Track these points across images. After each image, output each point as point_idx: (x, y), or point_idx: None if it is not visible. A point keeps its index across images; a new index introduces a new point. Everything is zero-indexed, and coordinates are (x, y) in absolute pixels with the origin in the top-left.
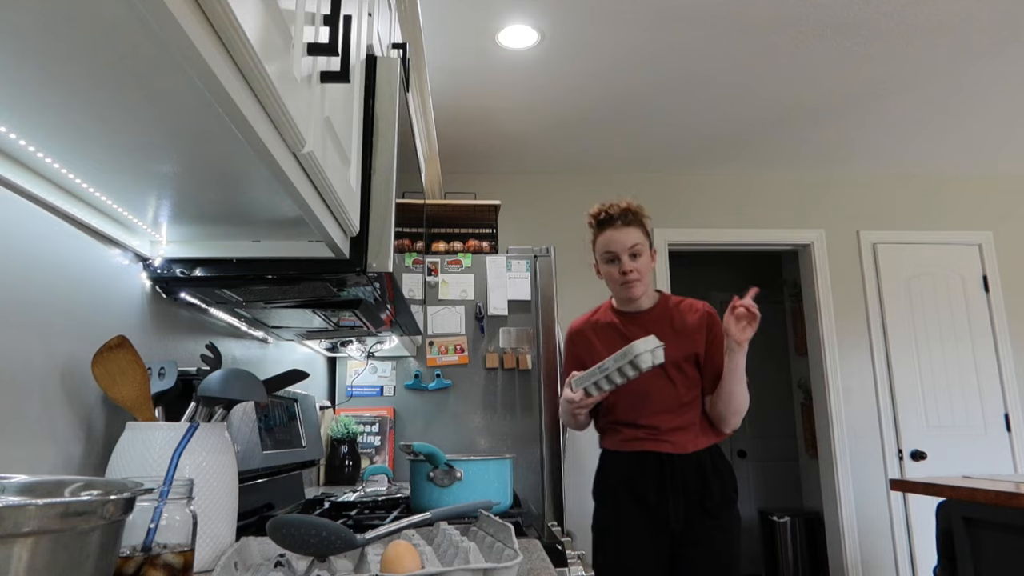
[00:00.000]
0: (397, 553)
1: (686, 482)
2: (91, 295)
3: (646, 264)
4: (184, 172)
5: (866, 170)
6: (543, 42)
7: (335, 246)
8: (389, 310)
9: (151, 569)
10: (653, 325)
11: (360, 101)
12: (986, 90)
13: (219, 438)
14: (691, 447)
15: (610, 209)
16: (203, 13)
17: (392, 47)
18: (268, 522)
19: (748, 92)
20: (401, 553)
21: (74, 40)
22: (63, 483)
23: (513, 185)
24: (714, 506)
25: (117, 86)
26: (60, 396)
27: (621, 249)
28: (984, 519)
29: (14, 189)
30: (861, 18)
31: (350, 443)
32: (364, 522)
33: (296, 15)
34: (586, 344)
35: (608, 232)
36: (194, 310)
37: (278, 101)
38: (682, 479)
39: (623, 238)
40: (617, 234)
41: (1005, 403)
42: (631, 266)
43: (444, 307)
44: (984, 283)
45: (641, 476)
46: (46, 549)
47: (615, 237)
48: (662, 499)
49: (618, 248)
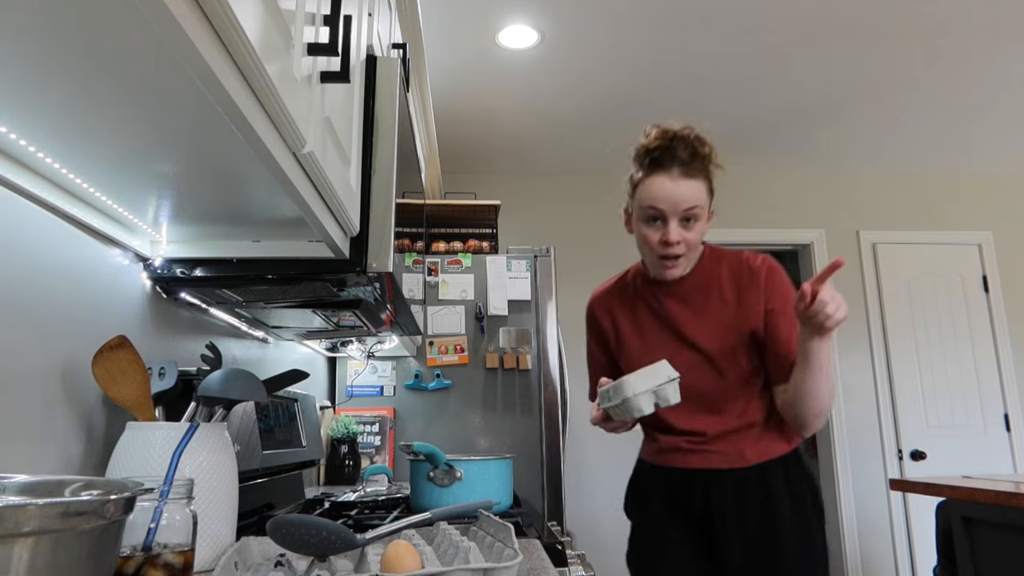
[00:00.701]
0: (397, 553)
1: (745, 509)
2: (91, 295)
3: (699, 233)
4: (184, 172)
5: (866, 170)
6: (543, 42)
7: (335, 246)
8: (389, 310)
9: (151, 569)
10: (695, 295)
11: (360, 101)
12: (986, 90)
13: (219, 438)
14: (752, 457)
15: (672, 142)
16: (203, 13)
17: (392, 47)
18: (268, 522)
19: (748, 92)
20: (401, 553)
21: (74, 40)
22: (63, 483)
23: (513, 185)
24: (787, 538)
25: (117, 86)
26: (60, 396)
27: (672, 209)
28: (984, 519)
29: (14, 189)
30: (861, 18)
31: (350, 443)
32: (364, 522)
33: (296, 15)
34: (611, 319)
35: (659, 179)
36: (194, 310)
37: (278, 101)
38: (739, 504)
39: (680, 193)
40: (672, 186)
41: (1005, 403)
42: (680, 235)
43: (444, 307)
44: (984, 283)
45: (684, 502)
46: (46, 549)
47: (668, 190)
48: (711, 532)
49: (667, 207)
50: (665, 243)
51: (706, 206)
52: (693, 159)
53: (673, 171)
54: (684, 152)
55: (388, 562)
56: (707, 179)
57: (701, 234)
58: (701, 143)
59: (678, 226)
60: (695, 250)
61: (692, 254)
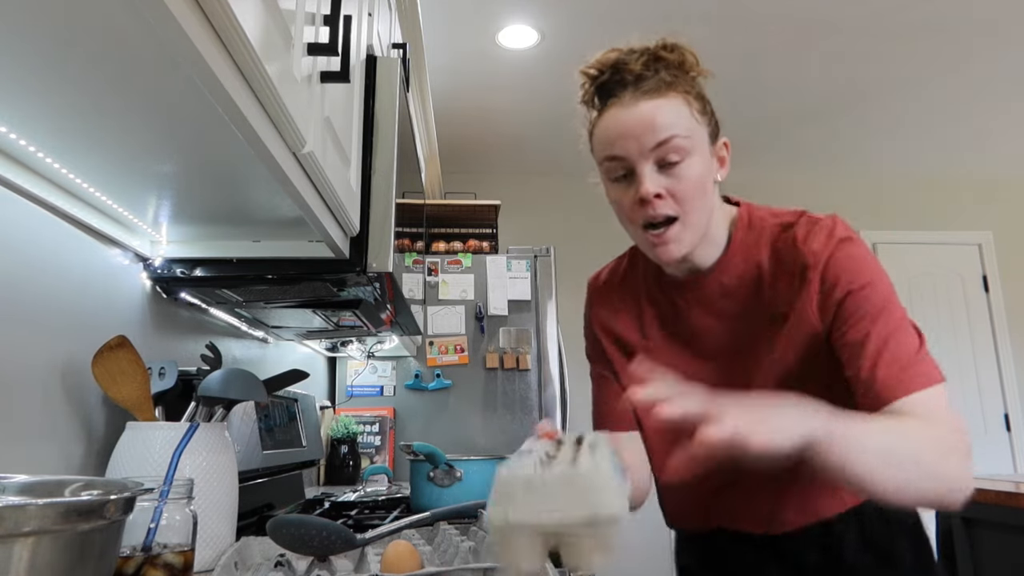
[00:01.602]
0: (397, 553)
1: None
2: (91, 295)
3: (696, 179)
4: (184, 172)
5: (866, 170)
6: (543, 42)
7: (335, 246)
8: (389, 310)
9: (151, 569)
10: (725, 300)
11: (360, 101)
12: (986, 90)
13: (219, 438)
14: (818, 510)
15: (618, 60)
16: (203, 13)
17: (392, 47)
18: (268, 522)
19: (748, 92)
20: (401, 553)
21: (74, 40)
22: (63, 483)
23: (513, 185)
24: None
25: (117, 86)
26: (60, 396)
27: (636, 147)
28: (984, 519)
29: (14, 189)
30: (861, 18)
31: (350, 443)
32: (364, 522)
33: (296, 15)
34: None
35: (610, 112)
36: (194, 310)
37: (278, 101)
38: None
39: (639, 118)
40: (627, 114)
41: (1005, 403)
42: (659, 184)
43: (444, 307)
44: (984, 283)
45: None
46: (46, 549)
47: (622, 120)
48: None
49: (628, 144)
50: (641, 202)
51: (695, 133)
52: (654, 72)
53: (625, 95)
54: (638, 64)
55: (388, 562)
56: (686, 93)
57: (701, 180)
58: (667, 49)
59: (654, 172)
60: (699, 209)
61: (695, 217)
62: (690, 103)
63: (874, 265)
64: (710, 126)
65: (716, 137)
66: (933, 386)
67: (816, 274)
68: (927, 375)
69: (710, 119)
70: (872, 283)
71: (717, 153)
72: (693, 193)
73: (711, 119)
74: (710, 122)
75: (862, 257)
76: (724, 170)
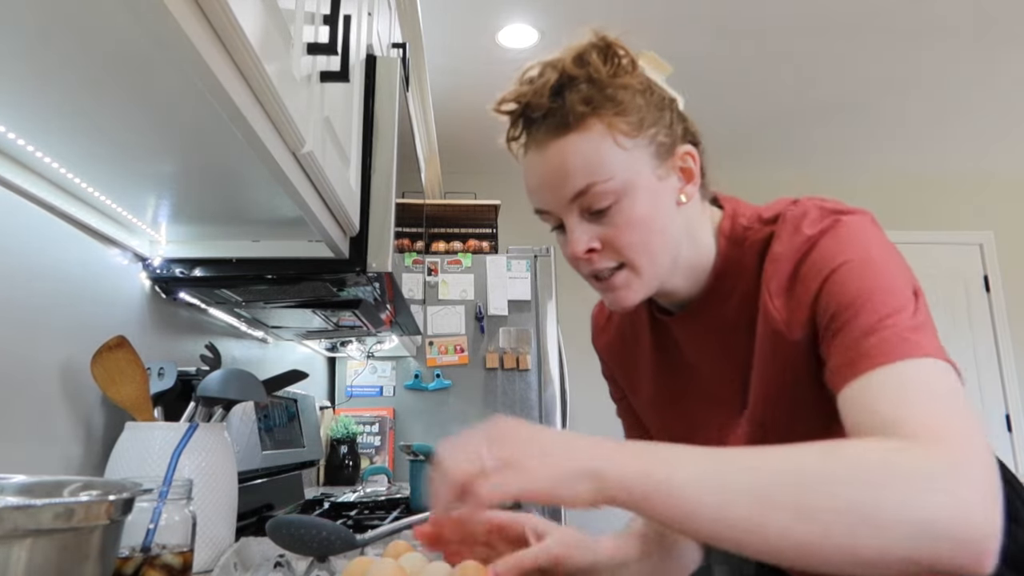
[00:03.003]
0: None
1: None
2: (90, 295)
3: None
4: (183, 172)
5: (866, 170)
6: (543, 42)
7: (335, 246)
8: (389, 310)
9: (150, 569)
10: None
11: (360, 101)
12: (986, 90)
13: (218, 438)
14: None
15: (521, 95)
16: (203, 13)
17: (392, 47)
18: (268, 522)
19: (747, 92)
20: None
21: (74, 40)
22: (63, 483)
23: (513, 185)
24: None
25: (117, 86)
26: (60, 396)
27: (553, 201)
28: None
29: (14, 189)
30: (861, 18)
31: (350, 443)
32: (364, 522)
33: (296, 15)
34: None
35: (528, 158)
36: (194, 310)
37: (278, 101)
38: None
39: (549, 168)
40: (538, 161)
41: (1006, 403)
42: (589, 237)
43: (444, 307)
44: (985, 283)
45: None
46: (46, 549)
47: (533, 170)
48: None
49: (544, 199)
50: (574, 258)
51: (623, 168)
52: (560, 102)
53: (538, 135)
54: (543, 95)
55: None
56: (611, 116)
57: (645, 219)
58: (579, 62)
59: (582, 223)
60: (649, 252)
61: (643, 260)
62: (613, 129)
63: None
64: (653, 143)
65: (672, 149)
66: (907, 360)
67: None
68: (897, 345)
69: (655, 134)
70: (849, 261)
71: (676, 166)
72: (635, 238)
73: (657, 132)
74: (654, 138)
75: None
76: (692, 185)
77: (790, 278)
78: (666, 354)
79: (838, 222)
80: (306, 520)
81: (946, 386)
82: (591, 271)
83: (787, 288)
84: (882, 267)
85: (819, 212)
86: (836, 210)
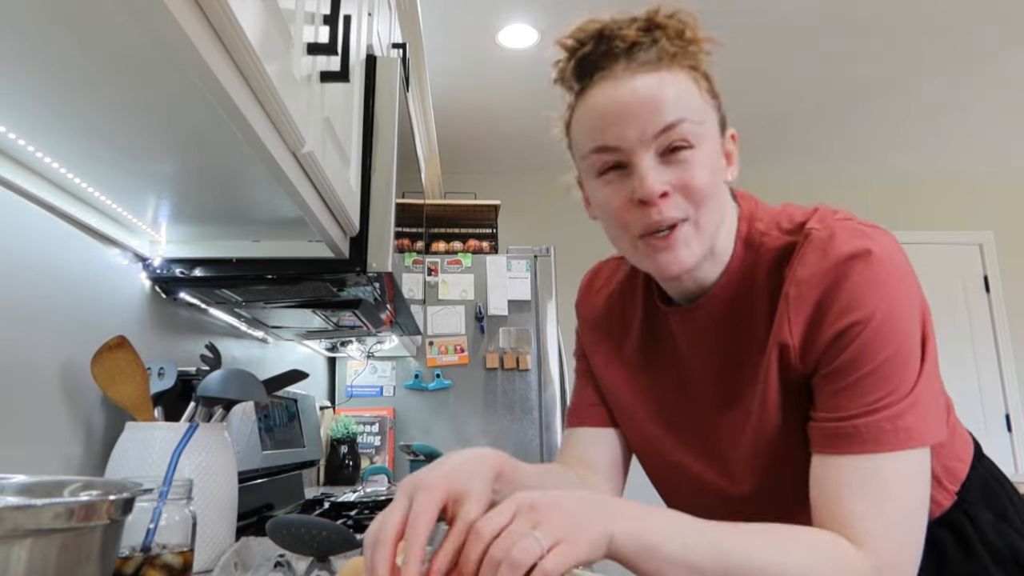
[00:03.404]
0: None
1: None
2: (91, 295)
3: (708, 173)
4: (183, 172)
5: (866, 170)
6: (543, 42)
7: (335, 246)
8: (389, 310)
9: (150, 569)
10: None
11: (360, 101)
12: (986, 90)
13: (219, 438)
14: None
15: (605, 28)
16: (203, 13)
17: (392, 47)
18: (268, 522)
19: (747, 92)
20: None
21: (74, 40)
22: (63, 483)
23: (513, 185)
24: None
25: (117, 86)
26: (60, 396)
27: (635, 131)
28: None
29: (14, 189)
30: (861, 18)
31: (350, 443)
32: (364, 522)
33: (296, 15)
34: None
35: (599, 87)
36: (194, 310)
37: (278, 101)
38: None
39: (640, 95)
40: (622, 89)
41: (1006, 403)
42: (665, 179)
43: (444, 307)
44: (985, 283)
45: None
46: (46, 549)
47: (616, 96)
48: None
49: (624, 127)
50: (642, 203)
51: (706, 118)
52: (651, 40)
53: (617, 68)
54: (632, 31)
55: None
56: (692, 68)
57: (713, 175)
58: (664, 16)
59: (656, 164)
60: (712, 210)
61: (707, 219)
62: (698, 81)
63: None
64: (719, 113)
65: (726, 126)
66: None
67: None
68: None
69: (719, 105)
70: (873, 317)
71: (725, 145)
72: (707, 188)
73: (720, 104)
74: (719, 108)
75: (869, 283)
76: (733, 168)
77: (814, 306)
78: (655, 342)
79: (870, 254)
80: (306, 520)
81: (907, 488)
82: (654, 222)
83: (808, 316)
84: (902, 326)
85: (847, 234)
86: (863, 232)
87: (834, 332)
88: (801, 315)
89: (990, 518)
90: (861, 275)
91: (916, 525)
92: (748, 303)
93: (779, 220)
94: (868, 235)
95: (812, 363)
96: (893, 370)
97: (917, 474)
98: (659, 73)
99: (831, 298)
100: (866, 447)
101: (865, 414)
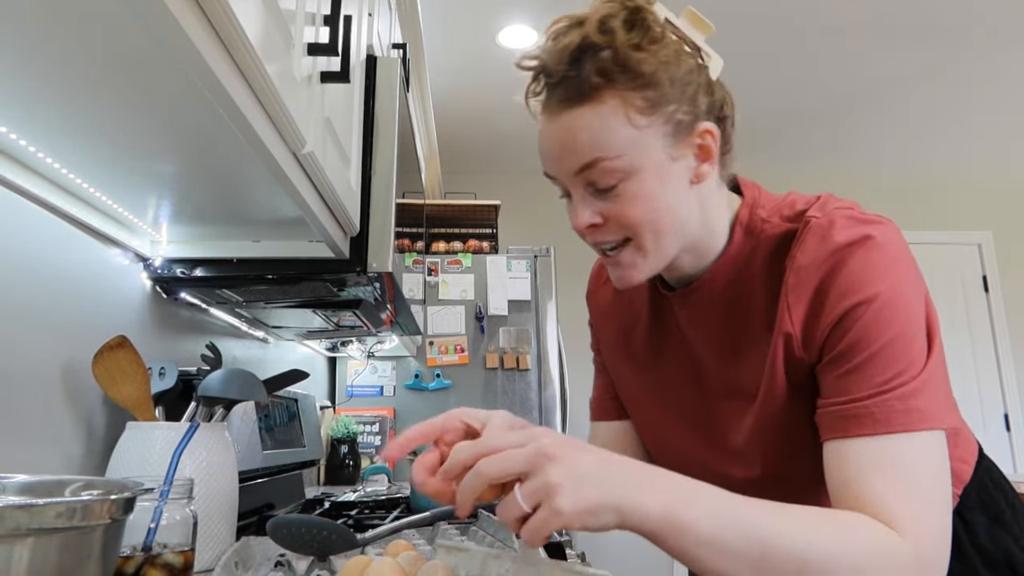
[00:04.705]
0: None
1: None
2: (91, 295)
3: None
4: (184, 172)
5: (866, 170)
6: None
7: (335, 246)
8: (389, 310)
9: (151, 569)
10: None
11: (360, 101)
12: (986, 90)
13: (219, 438)
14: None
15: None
16: (203, 13)
17: (392, 47)
18: (268, 522)
19: (747, 92)
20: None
21: (74, 40)
22: (63, 483)
23: (513, 185)
24: None
25: (117, 86)
26: (60, 396)
27: (560, 171)
28: None
29: (14, 189)
30: (861, 18)
31: (350, 443)
32: (364, 522)
33: (296, 15)
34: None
35: (542, 124)
36: (194, 310)
37: (278, 101)
38: None
39: (558, 140)
40: (550, 131)
41: (1005, 403)
42: (591, 213)
43: (444, 307)
44: (984, 283)
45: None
46: (46, 549)
47: (545, 138)
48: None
49: (553, 168)
50: (579, 231)
51: (633, 145)
52: (576, 71)
53: (551, 103)
54: (562, 60)
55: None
56: (625, 91)
57: (651, 199)
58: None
59: (587, 196)
60: (655, 232)
61: (649, 240)
62: (627, 105)
63: (888, 272)
64: (670, 121)
65: (691, 126)
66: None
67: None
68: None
69: (673, 111)
70: (876, 298)
71: (694, 144)
72: (641, 216)
73: (677, 109)
74: (671, 116)
75: (870, 266)
76: (708, 164)
77: (813, 292)
78: (661, 330)
79: (869, 239)
80: (306, 520)
81: (931, 470)
82: (595, 244)
83: (808, 302)
84: (905, 307)
85: (847, 222)
86: (864, 220)
87: (835, 316)
88: (801, 302)
89: (984, 522)
90: (860, 260)
91: (947, 513)
92: (746, 288)
93: (781, 208)
94: (868, 222)
95: (816, 351)
96: (899, 351)
97: (937, 458)
98: (581, 109)
99: (830, 283)
100: (877, 427)
101: (874, 395)
